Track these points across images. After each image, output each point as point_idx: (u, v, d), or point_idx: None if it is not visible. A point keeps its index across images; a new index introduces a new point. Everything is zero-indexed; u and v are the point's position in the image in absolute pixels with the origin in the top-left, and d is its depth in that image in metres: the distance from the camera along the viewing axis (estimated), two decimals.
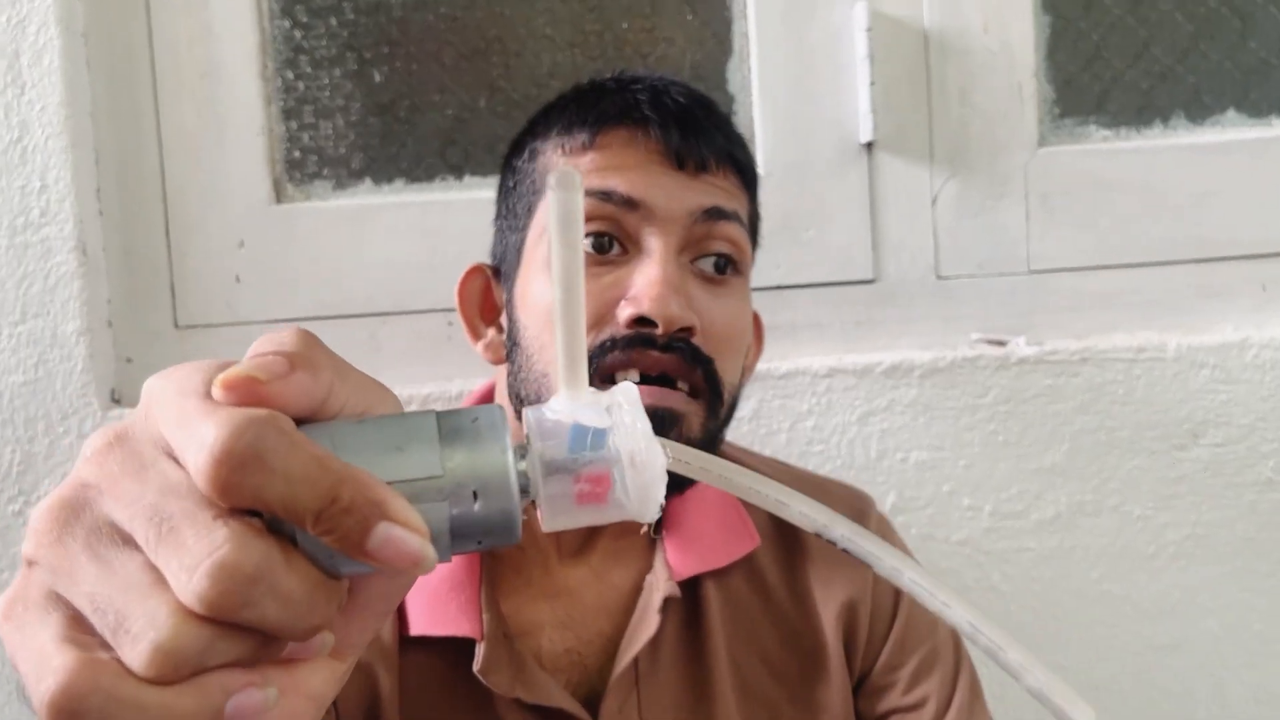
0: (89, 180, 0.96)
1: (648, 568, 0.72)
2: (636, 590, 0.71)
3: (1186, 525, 0.97)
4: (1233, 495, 0.97)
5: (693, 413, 0.65)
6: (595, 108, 0.68)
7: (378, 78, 1.02)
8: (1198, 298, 1.01)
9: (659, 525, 0.73)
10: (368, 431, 0.30)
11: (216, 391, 0.28)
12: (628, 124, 0.67)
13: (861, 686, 0.74)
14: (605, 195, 0.65)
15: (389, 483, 0.28)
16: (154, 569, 0.27)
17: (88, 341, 0.94)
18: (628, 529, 0.72)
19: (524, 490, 0.31)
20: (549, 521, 0.32)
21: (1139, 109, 1.02)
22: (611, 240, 0.65)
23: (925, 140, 1.00)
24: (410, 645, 0.67)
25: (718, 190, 0.67)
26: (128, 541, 0.28)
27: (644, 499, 0.32)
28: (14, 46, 0.93)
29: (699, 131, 0.67)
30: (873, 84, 0.98)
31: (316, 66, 1.02)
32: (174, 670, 0.26)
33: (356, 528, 0.27)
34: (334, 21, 1.02)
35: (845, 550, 0.34)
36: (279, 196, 1.02)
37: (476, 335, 0.75)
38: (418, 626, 0.66)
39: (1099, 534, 0.97)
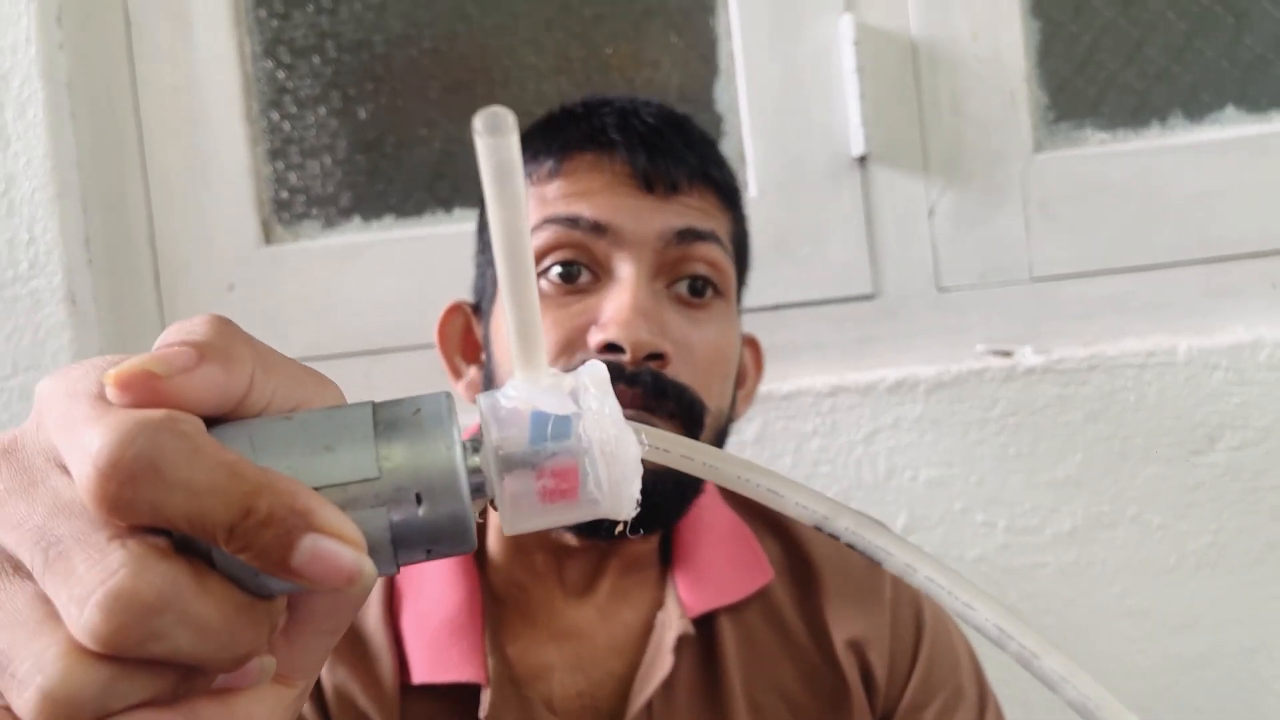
0: (77, 230, 0.96)
1: (658, 604, 0.69)
2: (647, 628, 0.68)
3: (1208, 533, 0.94)
4: (1254, 500, 0.94)
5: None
6: (561, 134, 0.67)
7: (363, 114, 1.02)
8: (1206, 299, 0.98)
9: (668, 559, 0.71)
10: (293, 430, 0.26)
11: (109, 391, 0.24)
12: (593, 149, 0.65)
13: None
14: (572, 221, 0.63)
15: (317, 488, 0.25)
16: (47, 601, 0.24)
17: None
18: (635, 564, 0.70)
19: (479, 489, 0.27)
20: (511, 524, 0.28)
21: (1135, 110, 1.00)
22: (581, 268, 0.64)
23: (919, 151, 0.99)
24: (412, 693, 0.65)
25: (691, 210, 0.65)
26: (18, 570, 0.24)
27: (618, 494, 0.28)
28: None
29: (668, 152, 0.65)
30: (863, 97, 0.96)
31: (301, 106, 1.02)
32: (68, 719, 0.23)
33: (277, 543, 0.23)
34: (317, 60, 1.01)
35: (850, 545, 0.30)
36: (268, 238, 1.01)
37: (458, 374, 0.73)
38: (420, 674, 0.64)
39: (1118, 546, 0.95)
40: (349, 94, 1.02)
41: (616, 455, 0.27)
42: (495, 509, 0.28)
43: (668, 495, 0.65)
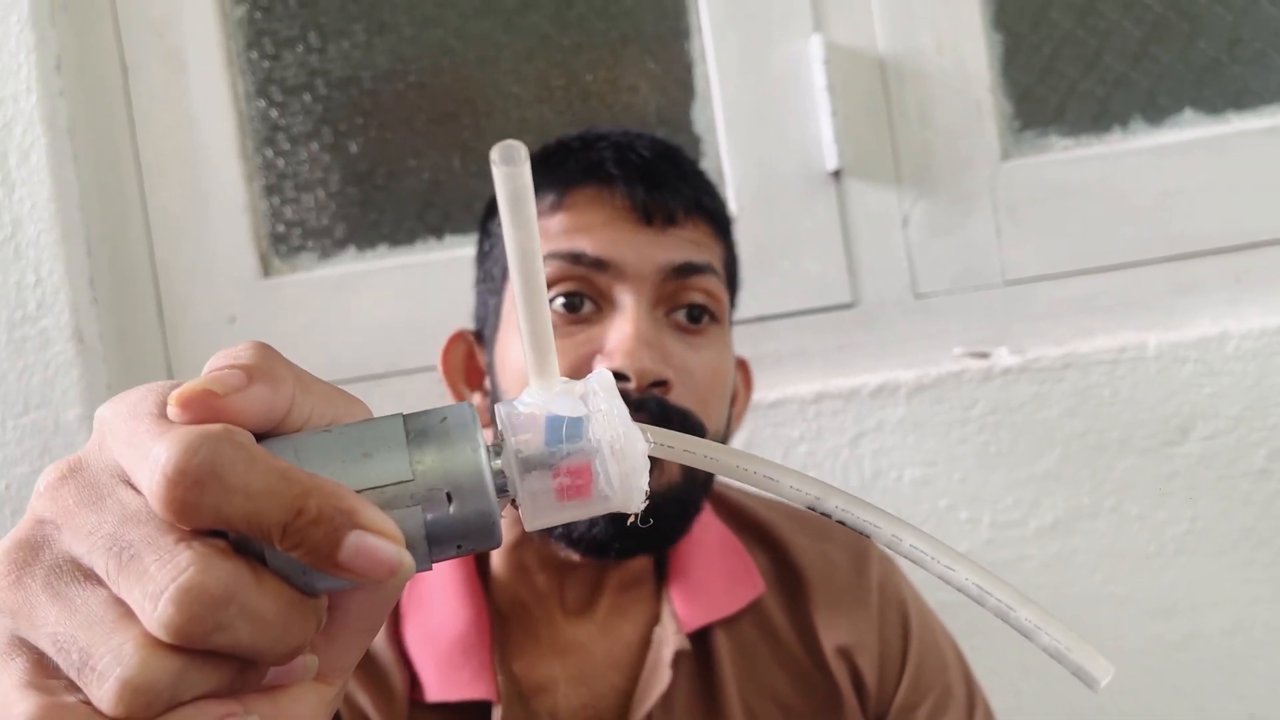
0: (82, 270, 0.99)
1: (654, 619, 0.71)
2: (645, 643, 0.71)
3: (1185, 520, 0.98)
4: (1227, 487, 0.98)
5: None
6: (561, 168, 0.69)
7: (354, 148, 1.05)
8: (1173, 295, 1.02)
9: (663, 575, 0.73)
10: (333, 440, 0.28)
11: (171, 410, 0.27)
12: (593, 183, 0.67)
13: None
14: (575, 257, 0.65)
15: (358, 491, 0.27)
16: (119, 603, 0.26)
17: (89, 428, 0.96)
18: (632, 581, 0.72)
19: (502, 490, 0.30)
20: (531, 520, 0.31)
21: (1097, 116, 1.04)
22: (584, 299, 0.66)
23: (890, 163, 1.02)
24: (422, 710, 0.67)
25: (687, 244, 0.68)
26: (89, 577, 0.27)
27: (628, 488, 0.30)
28: (1, 148, 0.97)
29: (665, 184, 0.67)
30: (834, 114, 1.00)
31: (294, 142, 1.05)
32: (145, 707, 0.25)
33: (326, 539, 0.25)
34: (308, 98, 1.05)
35: (842, 522, 0.32)
36: (266, 270, 1.04)
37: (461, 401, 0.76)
38: (433, 693, 0.66)
39: (1099, 536, 0.98)
40: (340, 129, 1.05)
41: (625, 452, 0.30)
42: (516, 507, 0.30)
43: (672, 517, 0.67)
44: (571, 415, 0.30)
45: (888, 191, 1.02)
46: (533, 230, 0.29)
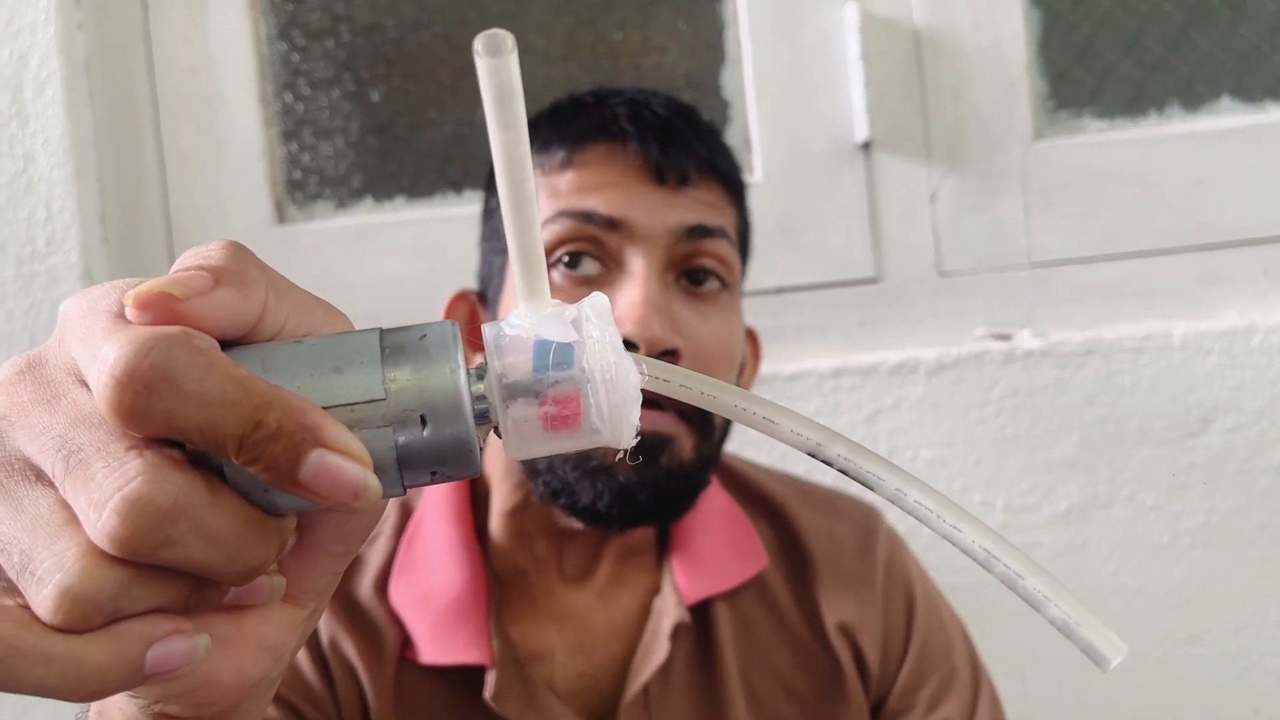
0: (93, 208, 0.97)
1: (654, 589, 0.70)
2: (644, 612, 0.70)
3: (1200, 514, 0.97)
4: (1246, 481, 0.96)
5: (682, 434, 0.63)
6: (572, 124, 0.67)
7: (375, 97, 1.03)
8: (1200, 285, 1.01)
9: (665, 545, 0.72)
10: (303, 352, 0.27)
11: (128, 311, 0.25)
12: (606, 139, 0.65)
13: (880, 710, 0.73)
14: (586, 216, 0.63)
15: (325, 408, 0.25)
16: (66, 506, 0.25)
17: None
18: (633, 550, 0.71)
19: (483, 416, 0.28)
20: (514, 449, 0.29)
21: (1133, 99, 1.02)
22: (590, 259, 0.64)
23: (921, 138, 1.01)
24: (411, 670, 0.66)
25: (701, 205, 0.66)
26: (40, 477, 0.25)
27: (618, 421, 0.28)
28: (17, 79, 0.95)
29: (680, 143, 0.65)
30: (867, 84, 0.98)
31: (315, 88, 1.03)
32: (83, 618, 0.24)
33: (286, 456, 0.24)
34: (330, 44, 1.03)
35: (843, 471, 0.30)
36: (281, 218, 1.02)
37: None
38: (426, 654, 0.65)
39: (1112, 525, 0.97)
40: (362, 77, 1.03)
41: (617, 383, 0.28)
42: (499, 435, 0.29)
43: (679, 493, 0.66)
44: (561, 340, 0.28)
45: (917, 166, 1.01)
46: (521, 131, 0.26)
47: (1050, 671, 0.96)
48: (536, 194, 0.30)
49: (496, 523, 0.70)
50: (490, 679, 0.64)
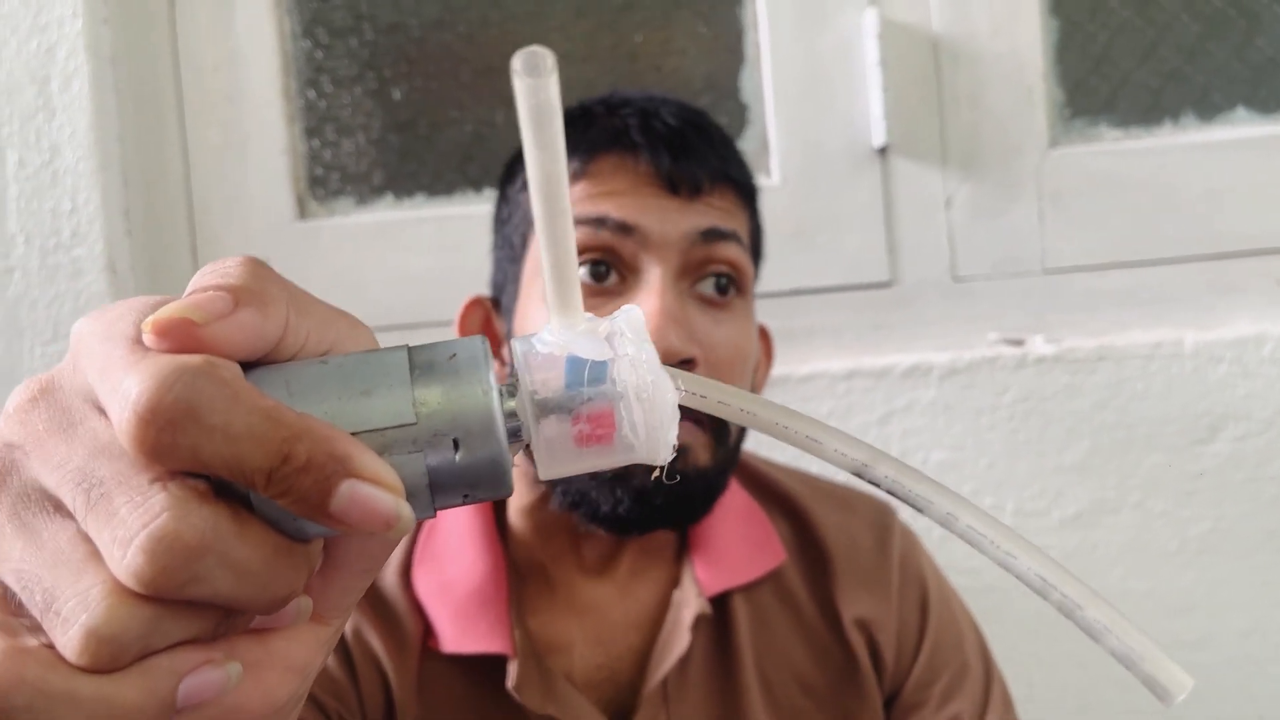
0: (118, 201, 0.98)
1: (673, 583, 0.71)
2: (663, 605, 0.70)
3: (1209, 520, 0.97)
4: (1254, 489, 0.97)
5: (699, 443, 0.64)
6: (584, 135, 0.67)
7: (397, 95, 1.04)
8: (1212, 294, 1.01)
9: (684, 539, 0.73)
10: (329, 374, 0.26)
11: (146, 337, 0.24)
12: (618, 150, 0.65)
13: (893, 704, 0.74)
14: (599, 221, 0.64)
15: (354, 434, 0.25)
16: (87, 540, 0.24)
17: None
18: (653, 545, 0.72)
19: (515, 434, 0.27)
20: (546, 468, 0.28)
21: (1148, 108, 1.03)
22: (609, 269, 0.64)
23: (938, 144, 1.02)
24: (434, 659, 0.67)
25: (714, 211, 0.66)
26: (59, 509, 0.24)
27: (654, 439, 0.27)
28: (44, 72, 0.96)
29: (691, 153, 0.65)
30: (884, 89, 0.99)
31: (338, 85, 1.04)
32: (111, 658, 0.23)
33: (316, 488, 0.23)
34: (354, 42, 1.04)
35: (891, 493, 0.29)
36: (303, 213, 1.03)
37: None
38: (448, 644, 0.66)
39: (1121, 531, 0.98)
40: (384, 75, 1.04)
41: (653, 400, 0.27)
42: (531, 453, 0.28)
43: (698, 497, 0.67)
44: (595, 358, 0.27)
45: (933, 172, 1.02)
46: (558, 152, 0.25)
47: (1055, 675, 0.97)
48: None
49: (515, 517, 0.71)
50: (512, 669, 0.64)
